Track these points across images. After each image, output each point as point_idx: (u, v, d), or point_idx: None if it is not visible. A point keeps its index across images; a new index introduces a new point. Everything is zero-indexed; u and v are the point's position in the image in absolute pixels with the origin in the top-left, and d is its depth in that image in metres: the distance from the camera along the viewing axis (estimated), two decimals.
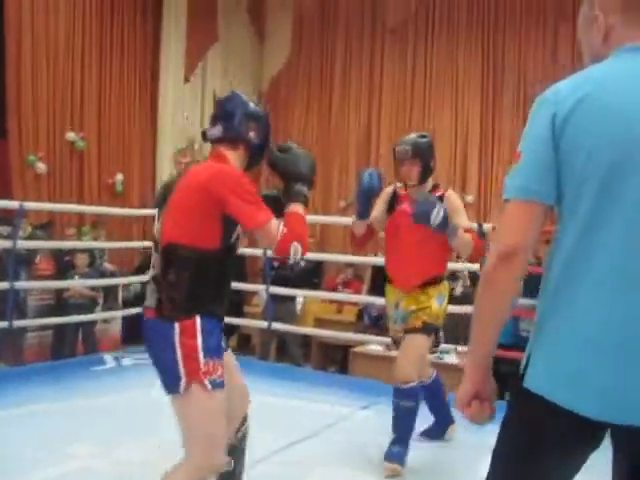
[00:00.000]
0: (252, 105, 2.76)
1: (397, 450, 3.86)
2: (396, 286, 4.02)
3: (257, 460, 3.80)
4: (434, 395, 4.28)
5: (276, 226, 2.53)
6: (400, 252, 3.95)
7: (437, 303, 3.96)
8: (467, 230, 3.75)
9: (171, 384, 2.55)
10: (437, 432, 4.38)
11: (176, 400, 2.58)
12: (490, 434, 1.85)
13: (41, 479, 3.48)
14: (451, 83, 10.43)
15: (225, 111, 2.73)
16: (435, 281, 3.98)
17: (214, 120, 2.75)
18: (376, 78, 11.01)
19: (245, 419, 2.93)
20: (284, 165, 2.72)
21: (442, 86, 10.49)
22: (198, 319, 2.52)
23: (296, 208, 2.69)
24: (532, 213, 1.58)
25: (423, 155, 3.85)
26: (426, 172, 3.88)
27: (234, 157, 2.68)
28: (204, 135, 2.79)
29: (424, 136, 3.95)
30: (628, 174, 1.51)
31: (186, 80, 10.16)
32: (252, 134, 2.70)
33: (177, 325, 2.51)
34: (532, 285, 6.25)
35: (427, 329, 3.90)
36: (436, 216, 3.50)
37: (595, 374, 1.52)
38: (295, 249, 2.55)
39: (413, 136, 3.92)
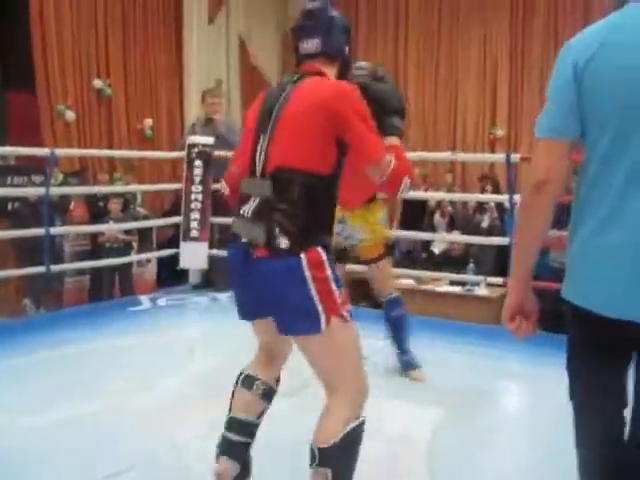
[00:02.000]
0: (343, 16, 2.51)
1: (408, 358, 4.35)
2: (341, 204, 3.86)
3: (292, 391, 3.90)
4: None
5: (389, 159, 2.37)
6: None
7: (382, 222, 4.26)
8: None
9: (308, 324, 2.31)
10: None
11: (314, 340, 2.35)
12: None
13: (79, 415, 3.57)
14: (479, 13, 10.19)
15: (323, 22, 2.44)
16: (372, 199, 4.14)
17: (307, 32, 2.45)
18: (402, 7, 10.81)
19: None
20: (381, 96, 2.67)
21: (469, 16, 10.27)
22: (321, 249, 2.31)
23: (394, 141, 2.63)
24: (559, 149, 1.84)
25: None
26: None
27: (332, 75, 2.43)
28: (297, 51, 2.50)
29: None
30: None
31: (210, 21, 10.08)
32: (347, 48, 2.49)
33: (304, 258, 2.26)
34: (561, 217, 6.29)
35: (386, 253, 4.35)
36: None
37: (619, 280, 1.73)
38: (406, 183, 2.46)
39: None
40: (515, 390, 4.41)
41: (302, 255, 2.25)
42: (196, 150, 6.60)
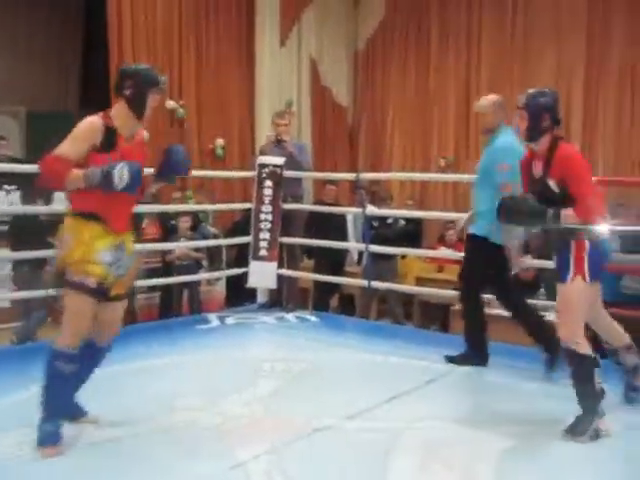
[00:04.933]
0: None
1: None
2: (114, 229, 3.46)
3: (357, 415, 3.86)
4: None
5: None
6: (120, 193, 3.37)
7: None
8: None
9: None
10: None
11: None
12: None
13: (150, 429, 3.63)
14: (553, 29, 10.00)
15: None
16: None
17: None
18: (474, 30, 10.70)
19: None
20: None
21: (544, 33, 10.07)
22: None
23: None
24: None
25: None
26: None
27: None
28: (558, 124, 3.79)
29: None
30: None
31: (282, 44, 10.20)
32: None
33: None
34: (633, 241, 6.07)
35: None
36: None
37: None
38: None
39: None
40: None
41: None
42: (266, 170, 6.63)
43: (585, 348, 3.64)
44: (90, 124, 3.37)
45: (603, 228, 4.82)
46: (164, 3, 8.89)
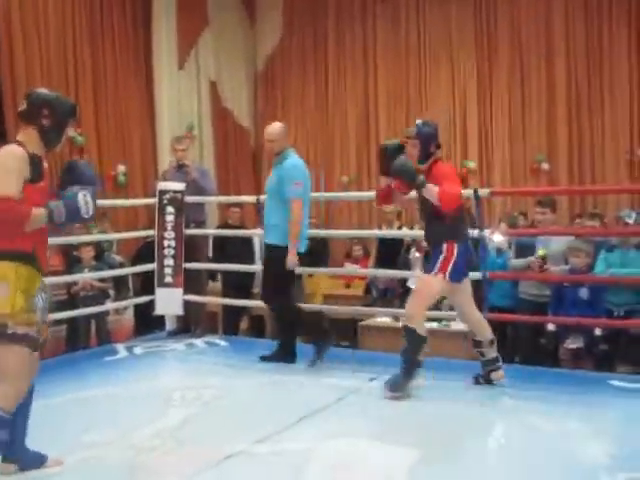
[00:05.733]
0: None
1: None
2: (43, 268, 3.29)
3: (267, 438, 3.89)
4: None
5: None
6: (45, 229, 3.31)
7: None
8: None
9: None
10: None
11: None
12: None
13: (60, 468, 3.55)
14: (445, 46, 10.36)
15: None
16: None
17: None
18: (370, 48, 10.95)
19: None
20: None
21: (437, 51, 10.43)
22: None
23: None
24: None
25: None
26: None
27: None
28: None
29: None
30: None
31: (180, 67, 10.17)
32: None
33: None
34: (526, 246, 6.36)
35: None
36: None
37: None
38: None
39: None
40: (498, 425, 4.27)
41: None
42: (167, 196, 6.60)
43: (420, 327, 4.55)
44: (18, 154, 3.15)
45: (497, 237, 5.31)
46: (57, 29, 8.70)
